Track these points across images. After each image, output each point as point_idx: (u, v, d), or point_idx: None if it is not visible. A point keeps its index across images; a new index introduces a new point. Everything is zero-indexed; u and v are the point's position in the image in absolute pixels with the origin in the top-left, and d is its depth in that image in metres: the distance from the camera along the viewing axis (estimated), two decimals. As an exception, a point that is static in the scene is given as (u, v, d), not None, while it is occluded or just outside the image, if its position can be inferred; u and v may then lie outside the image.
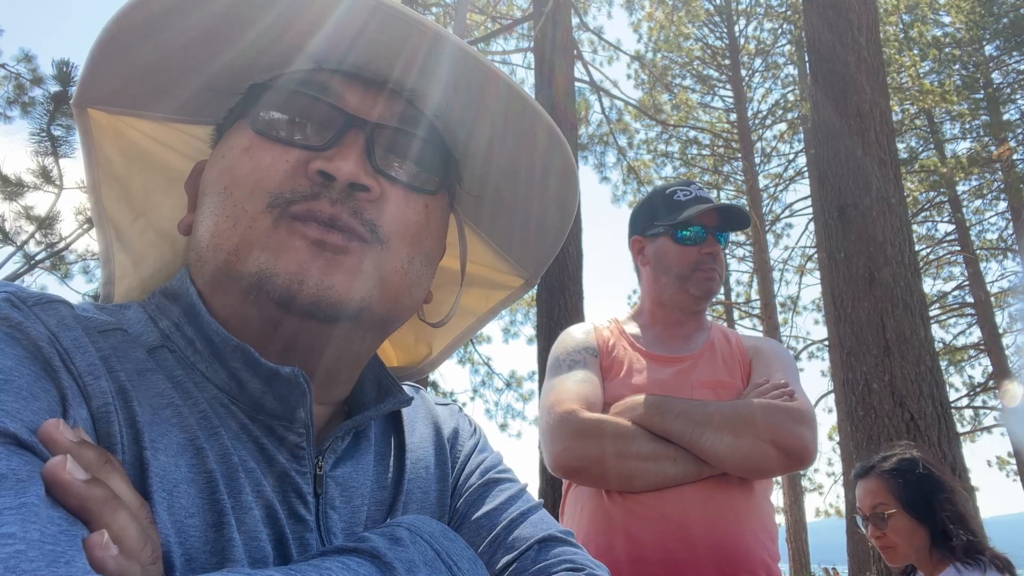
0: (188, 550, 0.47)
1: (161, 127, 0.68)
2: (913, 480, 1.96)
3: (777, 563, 1.49)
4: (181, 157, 0.70)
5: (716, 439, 1.40)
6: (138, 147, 0.68)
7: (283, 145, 0.58)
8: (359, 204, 0.57)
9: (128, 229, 0.69)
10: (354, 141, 0.58)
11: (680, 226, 1.64)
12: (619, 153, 15.73)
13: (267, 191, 0.56)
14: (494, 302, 0.84)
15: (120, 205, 0.69)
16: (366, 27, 0.56)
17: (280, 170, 0.57)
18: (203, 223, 0.58)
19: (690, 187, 1.69)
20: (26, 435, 0.40)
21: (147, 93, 0.64)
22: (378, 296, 0.58)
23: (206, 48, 0.60)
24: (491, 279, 0.82)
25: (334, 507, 0.59)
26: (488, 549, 0.65)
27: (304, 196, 0.56)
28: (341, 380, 0.64)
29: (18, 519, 0.36)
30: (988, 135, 17.37)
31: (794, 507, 17.00)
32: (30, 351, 0.45)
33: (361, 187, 0.56)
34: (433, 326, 0.78)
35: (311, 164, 0.56)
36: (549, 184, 0.70)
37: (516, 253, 0.79)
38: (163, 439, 0.50)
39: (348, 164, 0.56)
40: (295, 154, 0.57)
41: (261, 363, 0.55)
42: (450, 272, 0.78)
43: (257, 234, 0.55)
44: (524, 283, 0.82)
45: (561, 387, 1.52)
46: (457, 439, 0.75)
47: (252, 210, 0.55)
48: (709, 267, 1.64)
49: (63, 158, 4.17)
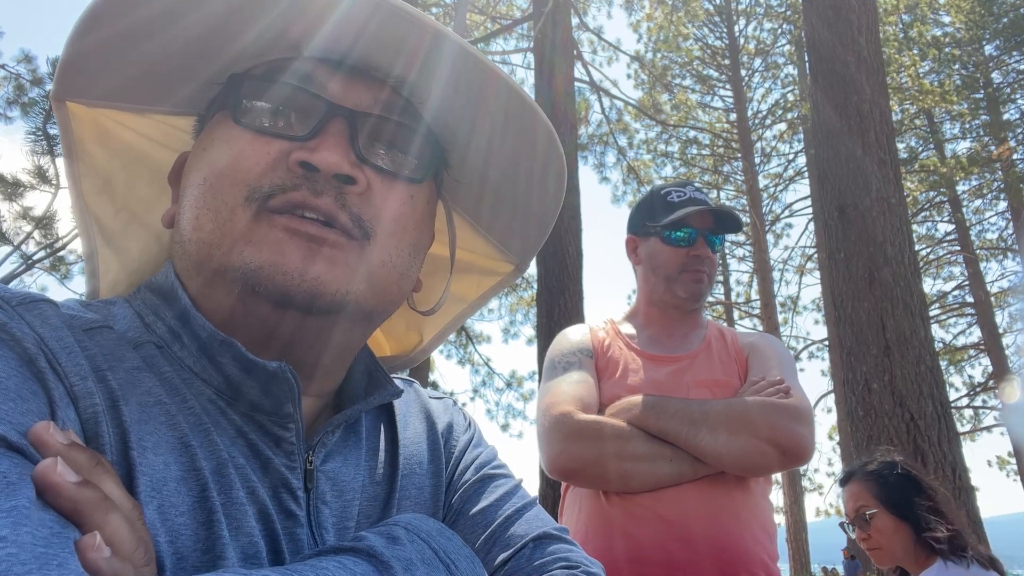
0: (179, 549, 0.47)
1: (142, 119, 0.67)
2: (892, 480, 2.01)
3: (776, 562, 1.49)
4: (164, 149, 0.69)
5: (712, 438, 1.39)
6: (119, 140, 0.67)
7: (264, 136, 0.57)
8: (346, 197, 0.56)
9: (111, 222, 0.68)
10: (338, 130, 0.57)
11: (669, 227, 1.64)
12: (619, 153, 15.74)
13: (246, 183, 0.55)
14: (485, 288, 0.83)
15: (102, 198, 0.68)
16: (350, 15, 0.55)
17: (260, 162, 0.56)
18: (185, 216, 0.58)
19: (685, 188, 1.68)
20: (16, 438, 0.40)
21: (126, 85, 0.63)
22: (365, 289, 0.57)
23: (186, 38, 0.58)
24: (482, 265, 0.82)
25: (325, 502, 0.59)
26: (484, 546, 0.65)
27: (283, 188, 0.55)
28: (330, 372, 0.63)
29: (9, 522, 0.35)
30: (988, 135, 17.38)
31: (794, 507, 17.01)
32: (17, 352, 0.45)
33: (346, 178, 0.55)
34: (424, 314, 0.77)
35: (293, 155, 0.55)
36: (541, 174, 0.69)
37: (506, 239, 0.79)
38: (152, 438, 0.49)
39: (332, 155, 0.55)
40: (276, 145, 0.56)
41: (248, 358, 0.54)
42: (440, 259, 0.77)
43: (238, 228, 0.54)
44: (515, 269, 0.81)
45: (557, 389, 1.52)
46: (451, 434, 0.74)
47: (232, 203, 0.55)
48: (696, 269, 1.64)
49: (59, 157, 4.17)
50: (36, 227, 4.28)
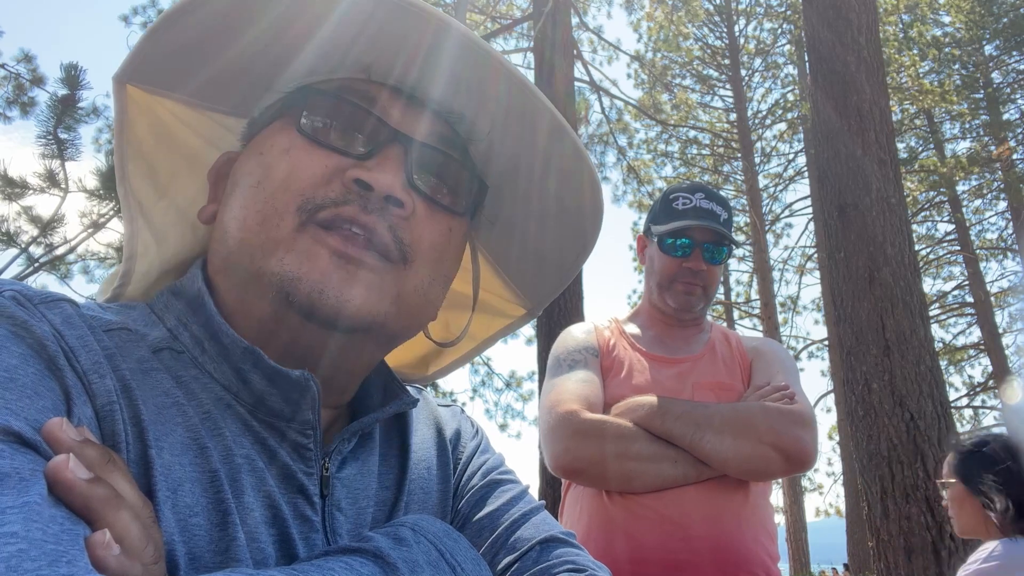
0: (192, 549, 0.47)
1: (195, 114, 0.68)
2: (970, 454, 2.11)
3: (777, 563, 1.50)
4: (208, 144, 0.70)
5: (717, 441, 1.40)
6: (167, 128, 0.68)
7: (324, 149, 0.58)
8: (393, 220, 0.57)
9: (152, 207, 0.69)
10: (394, 155, 0.58)
11: (666, 236, 1.63)
12: (619, 153, 15.71)
13: (300, 193, 0.56)
14: (495, 329, 0.84)
15: (145, 183, 0.68)
16: (423, 45, 0.56)
17: (316, 173, 0.57)
18: (231, 215, 0.59)
19: (693, 195, 1.65)
20: (30, 433, 0.40)
21: (193, 80, 0.64)
22: (395, 313, 0.58)
23: (260, 44, 0.60)
24: (494, 306, 0.83)
25: (340, 508, 0.59)
26: (490, 550, 0.65)
27: (335, 202, 0.56)
28: (348, 385, 0.65)
29: (20, 518, 0.36)
30: (988, 135, 17.37)
31: (794, 507, 16.99)
32: (35, 349, 0.45)
33: (396, 201, 0.57)
34: (440, 346, 0.79)
35: (349, 172, 0.57)
36: (576, 227, 0.70)
37: (523, 283, 0.80)
38: (167, 438, 0.50)
39: (387, 176, 0.56)
40: (334, 160, 0.58)
41: (271, 366, 0.55)
42: (455, 294, 0.78)
43: (283, 235, 0.55)
44: (526, 313, 0.82)
45: (562, 387, 1.52)
46: (459, 440, 0.75)
47: (283, 209, 0.56)
48: (687, 281, 1.63)
49: (69, 161, 4.16)
50: (42, 231, 4.27)
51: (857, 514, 13.50)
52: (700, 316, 1.72)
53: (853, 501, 14.54)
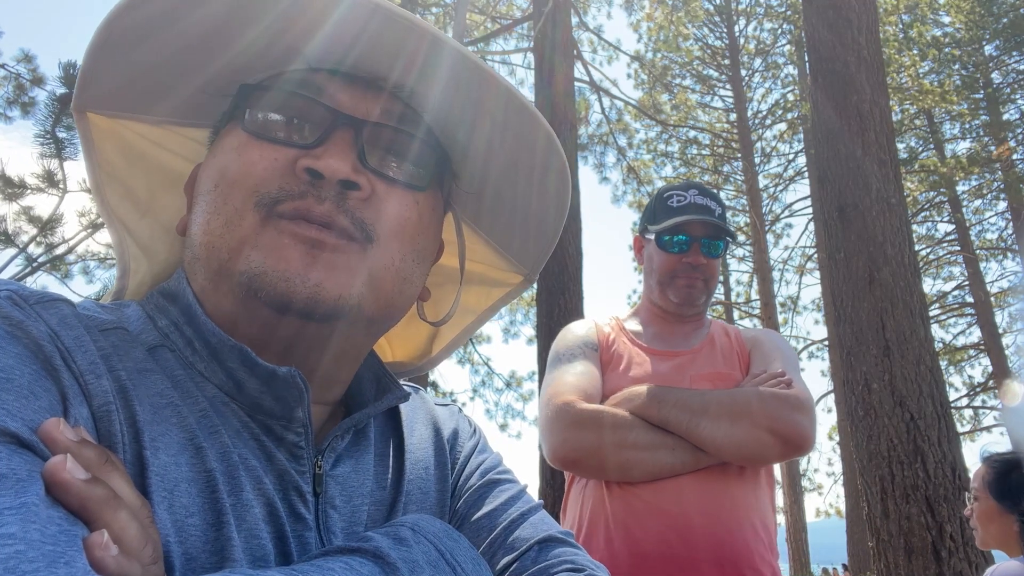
0: (188, 549, 0.47)
1: (158, 130, 0.69)
2: (1004, 470, 2.07)
3: (775, 555, 1.50)
4: (181, 159, 0.70)
5: (713, 427, 1.40)
6: (136, 149, 0.68)
7: (273, 144, 0.58)
8: (350, 203, 0.57)
9: (136, 226, 0.70)
10: (343, 139, 0.58)
11: (665, 232, 1.65)
12: (619, 153, 15.72)
13: (255, 189, 0.56)
14: (494, 299, 0.84)
15: (125, 204, 0.69)
16: (361, 28, 0.56)
17: (269, 168, 0.57)
18: (196, 222, 0.59)
19: (687, 192, 1.67)
20: (27, 434, 0.40)
21: (144, 96, 0.64)
22: (369, 294, 0.58)
23: (200, 50, 0.60)
24: (491, 276, 0.82)
25: (334, 506, 0.59)
26: (488, 550, 0.65)
27: (291, 195, 0.56)
28: (334, 379, 0.64)
29: (18, 519, 0.36)
30: (988, 135, 17.37)
31: (794, 507, 16.99)
32: (31, 349, 0.45)
33: (351, 185, 0.56)
34: (434, 325, 0.78)
35: (299, 162, 0.56)
36: (545, 183, 0.70)
37: (515, 250, 0.80)
38: (163, 438, 0.50)
39: (337, 162, 0.56)
40: (285, 153, 0.57)
41: (258, 363, 0.55)
42: (451, 271, 0.78)
43: (246, 232, 0.55)
44: (523, 280, 0.82)
45: (560, 379, 1.53)
46: (457, 440, 0.75)
47: (241, 207, 0.56)
48: (687, 275, 1.64)
49: (67, 160, 4.16)
50: (41, 231, 4.28)
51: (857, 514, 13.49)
52: (702, 311, 1.74)
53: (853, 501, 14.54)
